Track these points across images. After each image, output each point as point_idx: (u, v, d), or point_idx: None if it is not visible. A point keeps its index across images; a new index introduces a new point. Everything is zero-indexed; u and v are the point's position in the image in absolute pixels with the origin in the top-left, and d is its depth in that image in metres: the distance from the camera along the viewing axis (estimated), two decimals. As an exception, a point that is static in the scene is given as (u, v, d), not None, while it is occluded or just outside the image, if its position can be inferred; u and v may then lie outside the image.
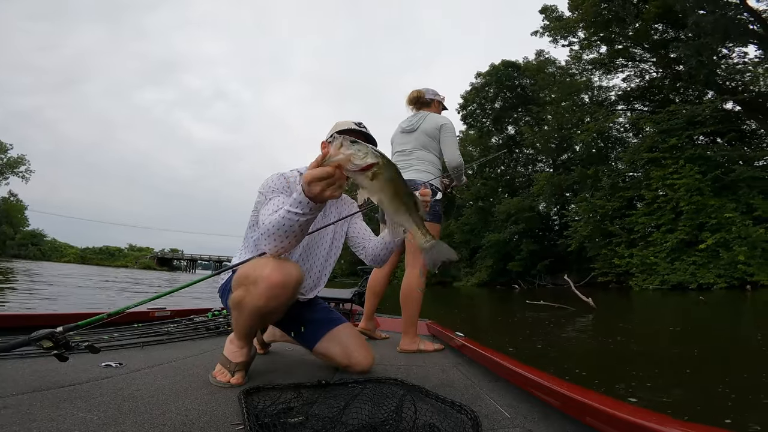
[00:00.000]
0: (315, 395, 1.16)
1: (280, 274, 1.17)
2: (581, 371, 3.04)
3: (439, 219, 2.24)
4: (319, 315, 1.59)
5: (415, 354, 2.03)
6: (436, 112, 2.43)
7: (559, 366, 3.09)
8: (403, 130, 2.38)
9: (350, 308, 3.05)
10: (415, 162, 2.28)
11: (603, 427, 0.81)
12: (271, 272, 1.16)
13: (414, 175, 2.22)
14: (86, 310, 2.21)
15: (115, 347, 1.65)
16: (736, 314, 7.86)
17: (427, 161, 2.29)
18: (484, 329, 5.86)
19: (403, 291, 2.19)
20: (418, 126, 2.31)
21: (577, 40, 22.86)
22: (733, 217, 13.79)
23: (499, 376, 1.43)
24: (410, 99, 2.44)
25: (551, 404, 1.03)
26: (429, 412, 1.04)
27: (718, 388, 2.40)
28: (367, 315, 2.37)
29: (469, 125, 32.65)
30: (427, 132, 2.29)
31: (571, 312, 7.59)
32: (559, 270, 24.29)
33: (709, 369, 3.11)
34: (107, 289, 10.83)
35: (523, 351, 3.78)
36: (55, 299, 6.90)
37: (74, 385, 1.12)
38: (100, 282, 13.72)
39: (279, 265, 1.19)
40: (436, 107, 2.45)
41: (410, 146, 2.32)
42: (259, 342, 1.81)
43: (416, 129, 2.31)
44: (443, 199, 2.33)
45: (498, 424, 1.02)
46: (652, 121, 17.95)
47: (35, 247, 59.12)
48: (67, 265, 42.41)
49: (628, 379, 2.71)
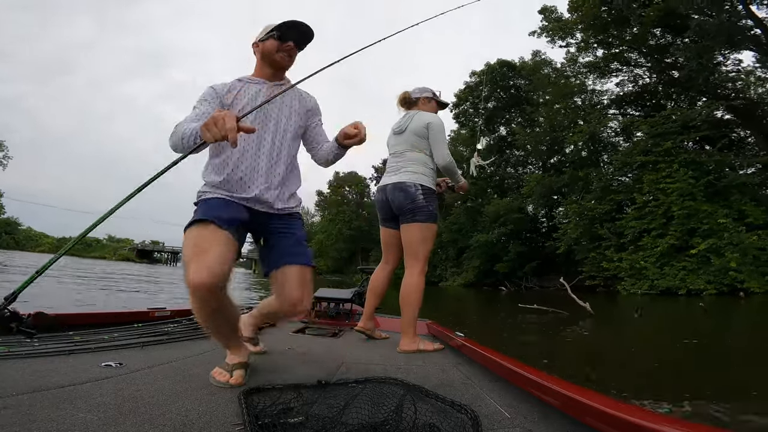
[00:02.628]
0: (315, 395, 1.17)
1: (197, 275, 1.15)
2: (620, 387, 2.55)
3: (435, 219, 2.27)
4: (285, 241, 1.51)
5: (415, 354, 2.03)
6: (427, 109, 2.43)
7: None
8: (395, 132, 2.40)
9: (350, 308, 3.01)
10: (406, 164, 2.29)
11: (603, 427, 0.81)
12: (192, 275, 1.15)
13: (404, 177, 2.25)
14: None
15: (115, 347, 1.62)
16: (744, 322, 7.57)
17: (418, 162, 2.29)
18: (480, 335, 5.41)
19: (403, 291, 2.20)
20: (406, 126, 2.33)
21: (574, 41, 22.62)
22: (726, 223, 13.66)
23: (499, 376, 1.43)
24: (399, 100, 2.48)
25: (551, 404, 1.02)
26: (429, 411, 1.05)
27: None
28: (367, 314, 2.38)
29: (461, 124, 32.36)
30: (415, 131, 2.30)
31: (567, 317, 7.14)
32: (546, 272, 24.17)
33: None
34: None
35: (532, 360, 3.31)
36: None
37: (74, 385, 1.12)
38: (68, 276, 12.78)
39: (197, 262, 1.17)
40: (425, 104, 2.45)
41: (401, 148, 2.34)
42: (247, 340, 1.72)
43: (405, 129, 2.34)
44: (438, 198, 2.37)
45: (498, 424, 1.01)
46: (647, 124, 17.77)
47: (9, 236, 56.96)
48: (41, 255, 40.70)
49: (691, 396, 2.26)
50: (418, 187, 2.22)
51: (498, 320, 7.46)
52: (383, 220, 2.42)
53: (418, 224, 2.20)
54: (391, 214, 2.33)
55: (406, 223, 2.24)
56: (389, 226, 2.39)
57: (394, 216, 2.32)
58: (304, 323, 2.79)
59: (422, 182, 2.24)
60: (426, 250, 2.24)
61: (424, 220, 2.20)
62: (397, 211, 2.28)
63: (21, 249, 52.46)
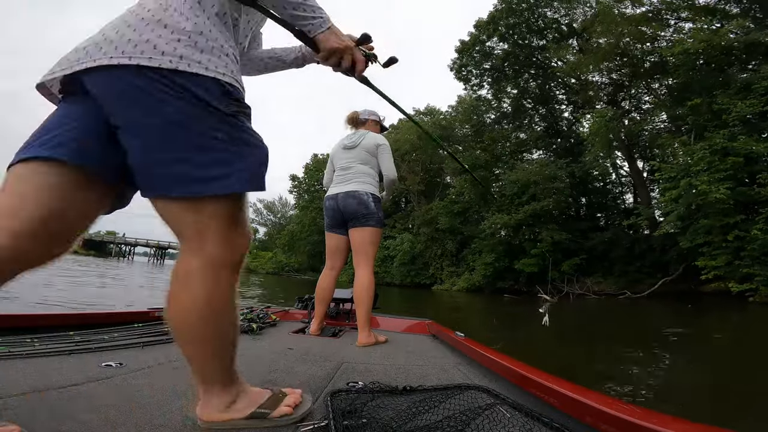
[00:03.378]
0: (392, 400, 1.12)
1: None
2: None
3: (383, 225, 2.54)
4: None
5: (414, 354, 2.04)
6: (373, 130, 2.70)
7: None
8: (345, 147, 2.62)
9: (350, 308, 3.03)
10: (355, 175, 2.54)
11: (603, 427, 0.81)
12: None
13: (356, 187, 2.50)
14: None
15: (115, 347, 1.63)
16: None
17: (366, 174, 2.55)
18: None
19: (358, 290, 2.37)
20: (359, 143, 2.58)
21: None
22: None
23: (499, 375, 1.42)
24: (349, 119, 2.73)
25: (551, 404, 1.04)
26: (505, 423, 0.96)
27: None
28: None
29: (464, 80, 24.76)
30: (366, 148, 2.56)
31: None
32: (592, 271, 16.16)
33: None
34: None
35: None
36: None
37: (74, 386, 1.12)
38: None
39: None
40: (371, 126, 2.72)
41: (351, 162, 2.58)
42: None
43: (357, 145, 2.58)
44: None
45: (498, 423, 0.99)
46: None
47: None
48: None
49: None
50: (369, 195, 2.47)
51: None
52: (331, 226, 2.61)
53: (370, 228, 2.45)
54: (341, 221, 2.55)
55: (359, 227, 2.46)
56: (337, 232, 2.59)
57: (343, 222, 2.54)
58: (305, 323, 2.77)
59: (372, 191, 2.51)
60: (374, 251, 2.49)
61: (375, 224, 2.45)
62: (348, 217, 2.50)
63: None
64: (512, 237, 18.37)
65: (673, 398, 3.07)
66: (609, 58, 17.41)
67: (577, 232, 17.96)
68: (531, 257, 17.19)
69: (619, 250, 16.29)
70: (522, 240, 18.03)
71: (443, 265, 23.60)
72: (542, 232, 17.04)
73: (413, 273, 24.70)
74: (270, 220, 56.11)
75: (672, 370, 4.06)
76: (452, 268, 22.85)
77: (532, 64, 23.23)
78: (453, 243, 23.25)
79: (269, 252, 45.80)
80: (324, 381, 1.35)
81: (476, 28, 23.32)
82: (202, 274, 0.82)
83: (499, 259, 18.53)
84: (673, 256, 14.06)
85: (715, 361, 4.56)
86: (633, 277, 15.71)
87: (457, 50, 24.34)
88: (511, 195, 18.36)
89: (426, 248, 24.48)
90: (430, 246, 24.43)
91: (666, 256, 14.69)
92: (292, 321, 2.84)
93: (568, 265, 16.46)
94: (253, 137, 0.88)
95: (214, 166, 0.81)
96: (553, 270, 16.66)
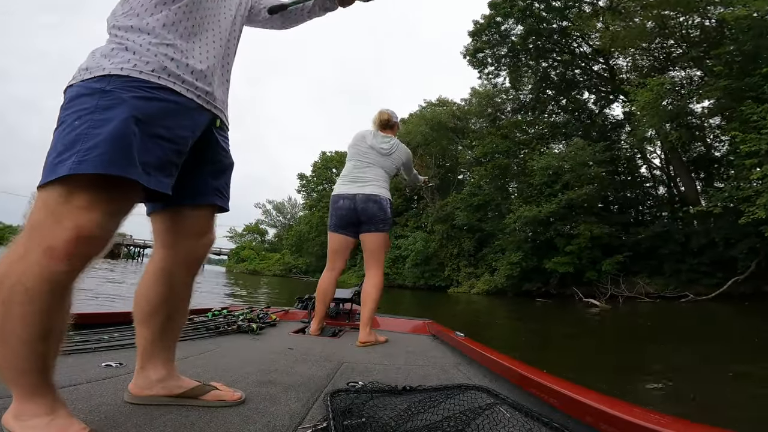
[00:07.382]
0: (391, 400, 1.13)
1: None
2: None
3: (390, 227, 2.57)
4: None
5: (414, 354, 2.04)
6: (396, 133, 2.74)
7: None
8: (381, 151, 2.60)
9: (350, 308, 3.06)
10: (375, 178, 2.54)
11: (603, 427, 0.81)
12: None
13: (376, 191, 2.51)
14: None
15: (115, 347, 1.63)
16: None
17: (384, 179, 2.58)
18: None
19: (368, 291, 2.43)
20: (393, 152, 2.61)
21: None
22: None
23: (499, 375, 1.42)
24: (383, 122, 2.67)
25: (551, 404, 1.03)
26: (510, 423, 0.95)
27: None
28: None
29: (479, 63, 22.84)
30: (399, 161, 2.64)
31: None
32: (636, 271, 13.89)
33: None
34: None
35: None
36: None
37: (74, 386, 1.13)
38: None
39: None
40: (396, 129, 2.74)
41: (378, 165, 2.57)
42: None
43: (391, 154, 2.60)
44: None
45: (498, 423, 1.00)
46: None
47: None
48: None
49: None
50: (388, 201, 2.53)
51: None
52: (339, 226, 2.55)
53: (384, 234, 2.52)
54: (352, 222, 2.52)
55: (374, 232, 2.50)
56: (344, 232, 2.55)
57: (353, 224, 2.53)
58: (305, 323, 2.78)
59: (389, 197, 2.56)
60: (384, 255, 2.57)
61: (388, 230, 2.53)
62: (365, 220, 2.50)
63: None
64: (541, 233, 16.16)
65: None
66: (651, 33, 15.19)
67: (618, 225, 15.69)
68: (564, 255, 14.97)
69: (671, 245, 14.00)
70: (553, 236, 15.80)
71: (460, 266, 21.49)
72: (579, 225, 14.78)
73: (427, 274, 22.73)
74: (279, 221, 55.08)
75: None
76: (470, 268, 20.74)
77: (553, 50, 21.09)
78: (471, 241, 21.17)
79: (276, 254, 44.48)
80: (324, 381, 1.37)
81: (491, 7, 21.30)
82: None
83: (526, 257, 16.34)
84: (743, 251, 11.80)
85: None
86: (688, 277, 13.47)
87: (471, 33, 22.40)
88: (540, 185, 16.19)
89: (441, 247, 22.54)
90: (445, 245, 22.43)
91: (730, 251, 12.44)
92: (292, 321, 2.88)
93: (610, 264, 14.22)
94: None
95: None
96: (591, 270, 14.43)
